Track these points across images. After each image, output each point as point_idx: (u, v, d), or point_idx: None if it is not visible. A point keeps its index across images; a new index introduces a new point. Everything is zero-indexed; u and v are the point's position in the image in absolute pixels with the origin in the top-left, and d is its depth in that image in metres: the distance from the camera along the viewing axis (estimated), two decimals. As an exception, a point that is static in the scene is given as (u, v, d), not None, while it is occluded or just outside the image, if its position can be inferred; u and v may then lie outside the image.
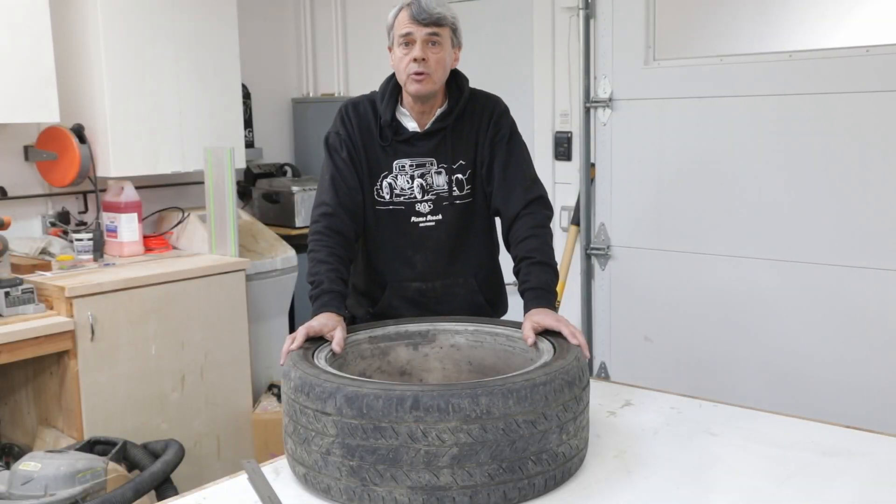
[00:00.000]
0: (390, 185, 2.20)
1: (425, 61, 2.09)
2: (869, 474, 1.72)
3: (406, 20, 2.10)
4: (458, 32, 2.17)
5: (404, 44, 2.11)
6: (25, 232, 3.63)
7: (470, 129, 2.23)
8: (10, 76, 3.18)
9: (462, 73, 2.26)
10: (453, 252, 2.24)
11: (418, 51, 2.08)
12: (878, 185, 2.87)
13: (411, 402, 1.52)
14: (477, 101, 2.26)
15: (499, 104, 2.28)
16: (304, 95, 4.89)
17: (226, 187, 3.58)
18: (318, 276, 2.07)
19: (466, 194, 2.22)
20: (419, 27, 2.08)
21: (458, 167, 2.21)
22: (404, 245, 2.22)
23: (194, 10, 3.78)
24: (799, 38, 3.80)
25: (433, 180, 2.20)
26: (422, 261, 2.23)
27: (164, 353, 3.31)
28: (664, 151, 3.34)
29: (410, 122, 2.21)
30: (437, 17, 2.08)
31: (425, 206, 2.20)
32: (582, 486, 1.67)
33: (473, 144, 2.23)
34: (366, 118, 2.22)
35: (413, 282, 2.24)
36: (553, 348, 1.82)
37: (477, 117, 2.24)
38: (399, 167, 2.20)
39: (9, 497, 2.50)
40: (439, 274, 2.24)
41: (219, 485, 1.75)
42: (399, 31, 2.12)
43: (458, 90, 2.22)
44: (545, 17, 3.80)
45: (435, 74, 2.11)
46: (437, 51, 2.10)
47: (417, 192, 2.20)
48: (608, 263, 3.54)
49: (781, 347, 3.11)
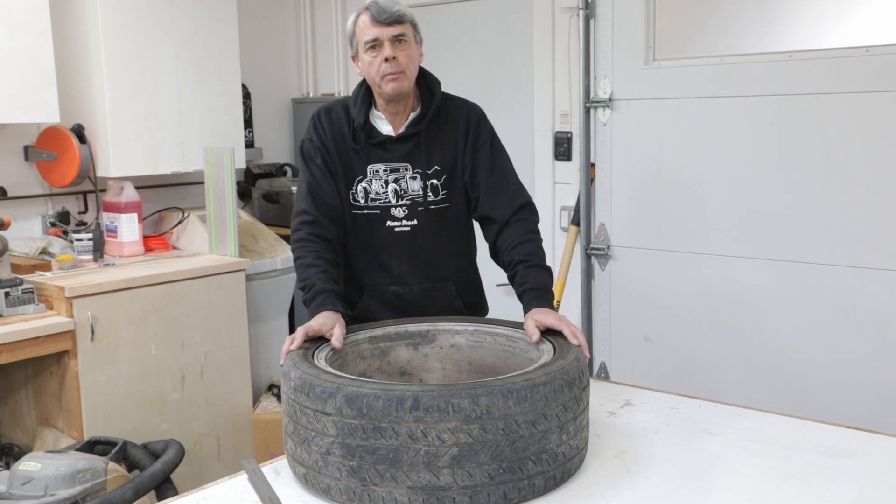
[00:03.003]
0: (365, 190, 2.21)
1: (396, 60, 2.11)
2: (869, 474, 1.72)
3: (368, 24, 2.12)
4: (417, 28, 2.20)
5: (371, 48, 2.12)
6: (25, 232, 3.63)
7: (446, 134, 2.23)
8: (10, 76, 3.18)
9: (432, 74, 2.27)
10: (430, 257, 2.25)
11: (388, 50, 2.10)
12: (879, 186, 2.87)
13: (411, 403, 1.52)
14: (452, 107, 2.27)
15: (475, 109, 2.29)
16: (304, 95, 4.89)
17: (226, 187, 3.58)
18: (310, 280, 2.07)
19: (441, 199, 2.23)
20: (383, 28, 2.10)
21: (433, 172, 2.21)
22: (380, 249, 2.23)
23: (194, 10, 3.78)
24: (799, 38, 3.80)
25: (407, 185, 2.20)
26: (398, 265, 2.24)
27: (164, 353, 3.31)
28: (664, 151, 3.34)
29: (385, 125, 2.22)
30: (397, 15, 2.11)
31: (400, 210, 2.21)
32: (582, 486, 1.67)
33: (452, 150, 2.23)
34: (338, 123, 2.23)
35: (390, 286, 2.25)
36: (553, 348, 1.82)
37: (453, 123, 2.24)
38: (373, 171, 2.20)
39: (9, 497, 2.50)
40: (416, 278, 2.25)
41: (219, 485, 1.75)
42: (364, 36, 2.13)
43: (429, 93, 2.23)
44: (545, 17, 3.81)
45: (408, 70, 2.13)
46: (405, 47, 2.13)
47: (392, 197, 2.20)
48: (608, 263, 3.54)
49: (781, 347, 3.11)
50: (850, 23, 3.86)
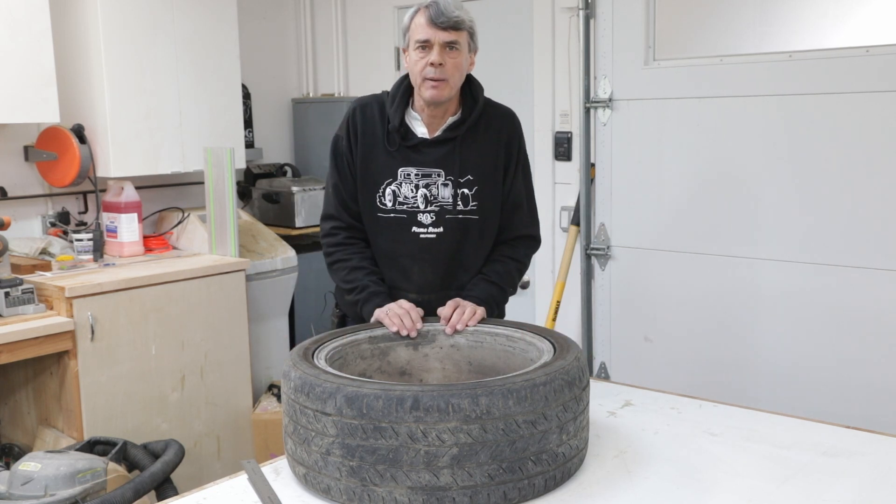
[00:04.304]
0: (394, 193, 2.16)
1: (442, 66, 2.04)
2: (869, 474, 1.72)
3: (424, 23, 2.05)
4: (474, 37, 2.13)
5: (421, 47, 2.06)
6: (25, 232, 3.63)
7: (484, 143, 2.18)
8: (10, 76, 3.18)
9: (477, 80, 2.21)
10: (451, 266, 2.20)
11: (436, 55, 2.03)
12: (878, 186, 2.87)
13: (411, 403, 1.52)
14: (493, 115, 2.21)
15: (516, 122, 2.26)
16: (304, 95, 4.89)
17: (226, 187, 3.58)
18: (360, 282, 2.11)
19: (471, 210, 2.17)
20: (437, 31, 2.04)
21: (466, 182, 2.16)
22: (403, 255, 2.18)
23: (194, 10, 3.78)
24: (799, 38, 3.81)
25: (438, 192, 2.15)
26: (419, 272, 2.19)
27: (164, 353, 3.31)
28: (664, 151, 3.34)
29: (420, 127, 2.17)
30: (455, 21, 2.04)
31: (427, 216, 2.16)
32: (582, 486, 1.67)
33: (490, 160, 2.18)
34: (372, 122, 2.18)
35: (409, 293, 2.19)
36: (553, 348, 1.82)
37: (494, 132, 2.19)
38: (404, 175, 2.15)
39: (9, 497, 2.50)
40: (435, 287, 2.20)
41: (219, 485, 1.75)
42: (416, 35, 2.07)
43: (472, 99, 2.17)
44: (545, 17, 3.80)
45: (452, 80, 2.07)
46: (455, 55, 2.06)
47: (421, 203, 2.15)
48: (608, 264, 3.54)
49: (781, 347, 3.11)
50: (850, 23, 3.87)
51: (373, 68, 4.55)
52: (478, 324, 2.05)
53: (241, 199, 4.48)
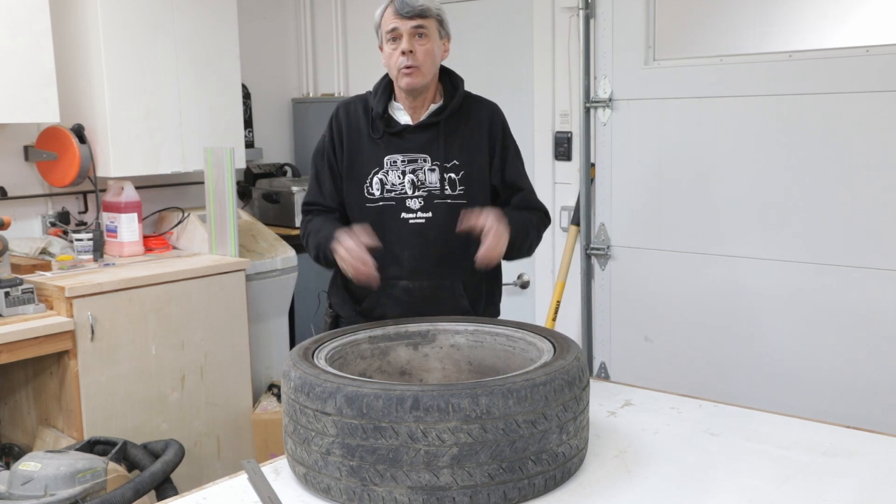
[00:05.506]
0: (381, 181, 2.21)
1: (413, 53, 2.12)
2: (869, 474, 1.72)
3: (391, 16, 2.14)
4: (444, 23, 2.20)
5: (392, 39, 2.14)
6: (25, 232, 3.63)
7: (467, 131, 2.24)
8: (10, 76, 3.18)
9: (456, 73, 2.28)
10: (441, 252, 2.23)
11: (405, 44, 2.12)
12: (878, 186, 2.87)
13: (411, 402, 1.52)
14: (476, 106, 2.28)
15: (499, 111, 2.32)
16: (304, 95, 4.89)
17: (226, 187, 3.58)
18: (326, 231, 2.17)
19: (459, 194, 2.22)
20: (404, 21, 2.12)
21: (452, 167, 2.21)
22: (393, 241, 2.21)
23: (194, 10, 3.78)
24: (799, 38, 3.81)
25: (425, 177, 2.20)
26: (409, 258, 2.22)
27: (164, 353, 3.31)
28: (664, 151, 3.34)
29: (404, 115, 2.23)
30: (420, 10, 2.12)
31: (416, 202, 2.20)
32: (582, 486, 1.67)
33: (473, 148, 2.24)
34: (355, 118, 2.25)
35: (400, 280, 2.23)
36: (553, 348, 1.82)
37: (475, 122, 2.25)
38: (390, 162, 2.21)
39: (9, 497, 2.50)
40: (426, 273, 2.23)
41: (219, 485, 1.75)
42: (385, 27, 2.15)
43: (452, 88, 2.25)
44: (545, 17, 3.80)
45: (424, 66, 2.14)
46: (425, 42, 2.14)
47: (408, 188, 2.20)
48: (608, 263, 3.54)
49: (781, 347, 3.11)
50: (850, 23, 3.87)
51: (373, 68, 4.51)
52: (478, 324, 2.05)
53: (241, 198, 4.48)
